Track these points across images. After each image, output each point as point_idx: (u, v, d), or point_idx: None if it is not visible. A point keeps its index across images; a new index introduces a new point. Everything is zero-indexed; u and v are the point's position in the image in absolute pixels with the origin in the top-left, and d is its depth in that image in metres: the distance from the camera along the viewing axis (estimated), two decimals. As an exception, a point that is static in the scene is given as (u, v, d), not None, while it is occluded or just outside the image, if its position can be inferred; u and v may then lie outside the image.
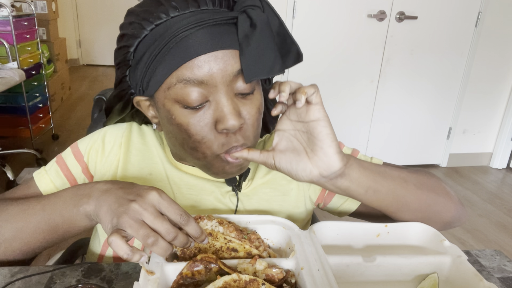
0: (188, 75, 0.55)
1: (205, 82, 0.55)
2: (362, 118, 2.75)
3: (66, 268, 0.58)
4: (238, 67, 0.56)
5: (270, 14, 0.58)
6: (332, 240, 0.64)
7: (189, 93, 0.56)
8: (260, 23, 0.55)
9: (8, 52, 2.58)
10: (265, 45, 0.56)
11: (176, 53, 0.55)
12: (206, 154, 0.60)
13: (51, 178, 0.70)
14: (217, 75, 0.55)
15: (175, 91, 0.57)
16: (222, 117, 0.56)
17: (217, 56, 0.55)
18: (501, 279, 0.63)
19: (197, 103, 0.56)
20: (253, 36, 0.55)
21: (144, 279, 0.48)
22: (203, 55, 0.54)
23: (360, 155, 0.75)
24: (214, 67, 0.55)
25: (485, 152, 3.04)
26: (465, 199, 2.54)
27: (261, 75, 0.57)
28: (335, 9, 2.46)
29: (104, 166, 0.70)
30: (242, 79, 0.57)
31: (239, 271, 0.50)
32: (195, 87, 0.56)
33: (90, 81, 5.01)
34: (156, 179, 0.69)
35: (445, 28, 2.61)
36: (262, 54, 0.56)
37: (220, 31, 0.55)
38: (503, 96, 2.87)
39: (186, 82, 0.55)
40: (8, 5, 2.58)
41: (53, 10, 3.68)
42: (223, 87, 0.56)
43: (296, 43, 0.61)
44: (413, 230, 0.65)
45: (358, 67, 2.61)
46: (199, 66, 0.55)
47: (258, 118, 0.62)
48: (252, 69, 0.56)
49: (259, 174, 0.73)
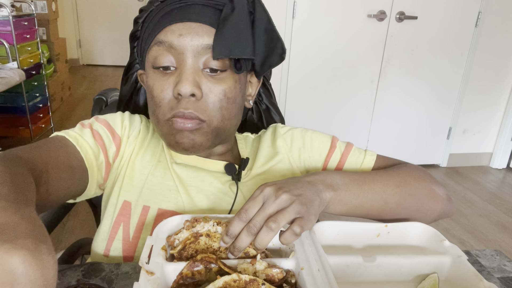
0: (162, 38, 0.62)
1: (174, 47, 0.61)
2: (362, 118, 2.75)
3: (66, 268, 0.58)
4: (210, 43, 0.61)
5: (260, 10, 0.64)
6: (332, 240, 0.64)
7: (159, 55, 0.62)
8: (239, 7, 0.61)
9: (8, 52, 2.58)
10: (240, 28, 0.61)
11: (162, 21, 0.62)
12: (159, 118, 0.64)
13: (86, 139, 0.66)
14: (186, 42, 0.61)
15: (151, 54, 0.63)
16: (179, 81, 0.61)
17: (191, 27, 0.61)
18: (501, 279, 0.63)
19: (163, 64, 0.62)
20: (230, 18, 0.60)
21: (144, 279, 0.48)
22: (180, 23, 0.61)
23: (355, 149, 0.77)
24: (185, 34, 0.60)
25: (485, 152, 3.04)
26: (465, 199, 2.55)
27: (229, 55, 0.61)
28: (335, 9, 2.46)
29: (126, 146, 0.71)
30: (211, 55, 0.61)
31: (239, 271, 0.50)
32: (165, 51, 0.62)
33: (90, 81, 5.01)
34: (164, 167, 0.71)
35: (445, 28, 2.61)
36: (234, 36, 0.61)
37: (204, 10, 0.61)
38: (503, 96, 2.87)
39: (159, 43, 0.62)
40: (8, 5, 2.58)
41: (53, 10, 3.67)
42: (190, 55, 0.61)
43: (281, 39, 0.66)
44: (413, 230, 0.65)
45: (358, 67, 2.61)
46: (172, 31, 0.61)
47: (222, 100, 0.64)
48: (222, 48, 0.60)
49: (258, 163, 0.74)
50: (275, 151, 0.76)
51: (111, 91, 1.04)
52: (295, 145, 0.77)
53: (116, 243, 0.67)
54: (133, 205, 0.68)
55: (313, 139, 0.78)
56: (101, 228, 0.71)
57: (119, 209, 0.68)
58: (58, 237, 1.91)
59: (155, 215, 0.67)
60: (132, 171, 0.70)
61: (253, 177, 0.73)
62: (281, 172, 0.74)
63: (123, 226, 0.67)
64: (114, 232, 0.68)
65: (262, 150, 0.76)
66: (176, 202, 0.68)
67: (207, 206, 0.70)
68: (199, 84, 0.62)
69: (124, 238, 0.67)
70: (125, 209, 0.68)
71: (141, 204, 0.67)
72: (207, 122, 0.64)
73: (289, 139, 0.78)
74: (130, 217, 0.67)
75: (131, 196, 0.68)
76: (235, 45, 0.60)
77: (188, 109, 0.61)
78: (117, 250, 0.67)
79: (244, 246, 0.51)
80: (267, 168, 0.74)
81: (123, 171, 0.70)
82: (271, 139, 0.78)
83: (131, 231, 0.67)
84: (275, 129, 0.80)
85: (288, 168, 0.75)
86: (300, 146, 0.77)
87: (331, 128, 2.72)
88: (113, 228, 0.68)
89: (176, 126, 0.63)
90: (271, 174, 0.74)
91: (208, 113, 0.63)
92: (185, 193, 0.69)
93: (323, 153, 0.76)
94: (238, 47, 0.61)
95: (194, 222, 0.56)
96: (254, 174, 0.73)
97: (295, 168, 0.76)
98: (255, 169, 0.73)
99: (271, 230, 0.50)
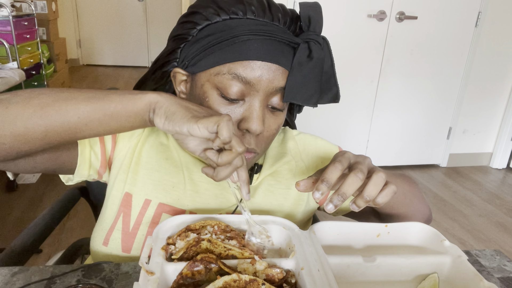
0: (240, 72, 0.61)
1: (251, 84, 0.61)
2: (362, 118, 2.75)
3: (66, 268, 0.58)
4: (282, 85, 0.63)
5: (327, 54, 0.66)
6: (332, 240, 0.64)
7: (232, 86, 0.61)
8: (316, 58, 0.63)
9: (8, 52, 2.58)
10: (312, 78, 0.63)
11: (237, 49, 0.61)
12: None
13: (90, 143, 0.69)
14: (263, 82, 0.61)
15: (220, 79, 0.62)
16: (250, 118, 0.62)
17: (270, 68, 0.61)
18: (501, 279, 0.63)
19: (234, 96, 0.62)
20: (306, 65, 0.63)
21: (144, 279, 0.48)
22: (261, 61, 0.61)
23: None
24: (265, 75, 0.61)
25: (485, 152, 3.04)
26: (465, 199, 2.55)
27: (298, 101, 0.63)
28: (335, 9, 2.46)
29: (125, 146, 0.71)
30: (279, 96, 0.64)
31: (239, 271, 0.50)
32: (240, 84, 0.61)
33: (90, 81, 5.01)
34: (172, 165, 0.71)
35: (445, 28, 2.60)
36: (306, 84, 0.63)
37: (281, 48, 0.62)
38: (503, 96, 2.87)
39: (235, 76, 0.61)
40: (8, 5, 2.58)
41: (53, 10, 3.68)
42: (262, 94, 0.62)
43: (338, 85, 0.69)
44: (413, 230, 0.65)
45: (358, 67, 2.61)
46: (252, 68, 0.61)
47: (274, 134, 0.68)
48: (293, 93, 0.63)
49: (266, 165, 0.74)
50: (284, 152, 0.77)
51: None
52: (305, 149, 0.79)
53: (116, 232, 0.68)
54: (135, 198, 0.69)
55: (323, 147, 0.80)
56: (102, 218, 0.72)
57: (121, 200, 0.69)
58: (58, 237, 1.91)
59: (155, 209, 0.68)
60: (137, 165, 0.70)
61: (265, 177, 0.74)
62: (290, 172, 0.75)
63: (123, 216, 0.69)
64: (114, 222, 0.69)
65: (271, 150, 0.77)
66: (178, 199, 0.69)
67: (213, 206, 0.70)
68: (264, 120, 0.64)
69: (123, 229, 0.68)
70: (126, 201, 0.69)
71: (143, 198, 0.68)
72: (259, 153, 0.67)
73: (301, 142, 0.80)
74: (131, 208, 0.68)
75: (133, 189, 0.69)
76: (304, 93, 0.63)
77: (251, 145, 0.64)
78: (116, 240, 0.68)
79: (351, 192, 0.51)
80: (275, 169, 0.75)
81: (126, 163, 0.70)
82: (280, 139, 0.80)
83: (131, 222, 0.68)
84: (284, 130, 0.82)
85: (296, 169, 0.76)
86: (310, 151, 0.79)
87: (331, 128, 2.73)
88: (115, 218, 0.69)
89: None
90: (279, 174, 0.75)
91: (263, 146, 0.67)
92: (192, 190, 0.70)
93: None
94: (307, 95, 0.64)
95: (188, 231, 0.56)
96: (264, 174, 0.74)
97: (303, 170, 0.77)
98: (264, 171, 0.74)
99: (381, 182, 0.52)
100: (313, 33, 0.63)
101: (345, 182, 0.51)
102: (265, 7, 0.63)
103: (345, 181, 0.51)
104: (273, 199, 0.73)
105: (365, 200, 0.51)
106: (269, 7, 0.63)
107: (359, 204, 0.52)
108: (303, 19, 0.63)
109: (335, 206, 0.51)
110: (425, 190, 2.63)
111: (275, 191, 0.73)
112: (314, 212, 0.83)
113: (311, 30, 0.64)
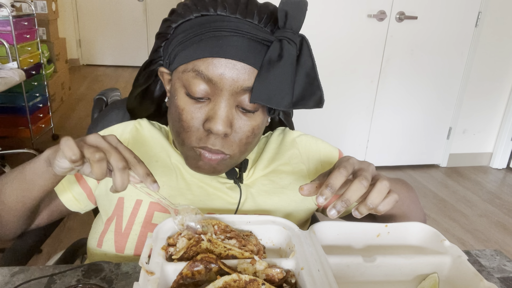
0: (202, 69, 0.59)
1: (213, 82, 0.59)
2: (362, 118, 2.75)
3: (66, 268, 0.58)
4: (250, 85, 0.59)
5: (306, 54, 0.61)
6: (332, 240, 0.64)
7: (195, 84, 0.60)
8: (286, 57, 0.58)
9: (8, 52, 2.58)
10: (283, 79, 0.58)
11: (204, 46, 0.59)
12: (185, 142, 0.64)
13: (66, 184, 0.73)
14: (226, 81, 0.59)
15: (186, 77, 0.61)
16: (213, 118, 0.60)
17: (235, 66, 0.58)
18: (501, 279, 0.63)
19: (198, 95, 0.60)
20: (276, 65, 0.58)
21: (144, 279, 0.48)
22: (224, 58, 0.58)
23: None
24: (227, 73, 0.58)
25: (485, 152, 3.04)
26: (465, 199, 2.55)
27: (267, 103, 0.58)
28: (335, 9, 2.46)
29: None
30: (249, 97, 0.60)
31: (239, 271, 0.50)
32: (202, 82, 0.59)
33: (90, 81, 5.01)
34: (162, 166, 0.71)
35: (445, 28, 2.60)
36: (276, 84, 0.58)
37: (251, 46, 0.58)
38: (503, 96, 2.87)
39: (197, 73, 0.59)
40: (8, 5, 2.58)
41: (53, 10, 3.67)
42: (227, 93, 0.60)
43: (322, 89, 0.62)
44: (413, 230, 0.65)
45: (358, 67, 2.61)
46: (214, 66, 0.58)
47: (249, 137, 0.64)
48: (261, 93, 0.58)
49: (260, 166, 0.74)
50: (282, 153, 0.77)
51: (111, 91, 1.04)
52: (306, 151, 0.78)
53: (109, 234, 0.69)
54: (126, 199, 0.69)
55: (323, 149, 0.79)
56: (96, 222, 0.74)
57: (114, 205, 0.70)
58: (58, 237, 1.91)
59: (147, 208, 0.68)
60: None
61: (258, 177, 0.74)
62: (288, 173, 0.75)
63: (116, 218, 0.69)
64: (107, 225, 0.70)
65: (268, 151, 0.77)
66: (169, 197, 0.69)
67: (208, 205, 0.70)
68: (232, 121, 0.61)
69: (116, 230, 0.68)
70: (119, 204, 0.70)
71: (135, 198, 0.69)
72: (231, 156, 0.64)
73: (301, 144, 0.79)
74: (123, 210, 0.69)
75: (124, 192, 0.69)
76: (274, 94, 0.58)
77: (216, 146, 0.62)
78: (110, 241, 0.68)
79: (354, 199, 0.50)
80: (273, 169, 0.74)
81: None
82: (280, 141, 0.79)
83: (123, 223, 0.68)
84: (283, 132, 0.81)
85: (295, 171, 0.76)
86: (311, 153, 0.78)
87: (331, 128, 2.73)
88: (107, 221, 0.70)
89: (202, 158, 0.64)
90: (276, 174, 0.74)
91: (234, 148, 0.64)
92: (184, 188, 0.70)
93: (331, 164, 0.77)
94: (277, 97, 0.58)
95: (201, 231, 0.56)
96: (258, 175, 0.74)
97: (304, 172, 0.77)
98: (258, 170, 0.74)
99: (385, 190, 0.51)
100: (289, 31, 0.59)
101: (349, 189, 0.51)
102: (239, 3, 0.60)
103: (350, 187, 0.51)
104: (268, 199, 0.72)
105: (368, 207, 0.51)
106: (246, 4, 0.60)
107: (362, 211, 0.51)
108: (280, 14, 0.58)
109: (338, 212, 0.51)
110: (425, 190, 2.63)
111: (270, 191, 0.73)
112: (313, 213, 0.83)
113: (287, 27, 0.59)
